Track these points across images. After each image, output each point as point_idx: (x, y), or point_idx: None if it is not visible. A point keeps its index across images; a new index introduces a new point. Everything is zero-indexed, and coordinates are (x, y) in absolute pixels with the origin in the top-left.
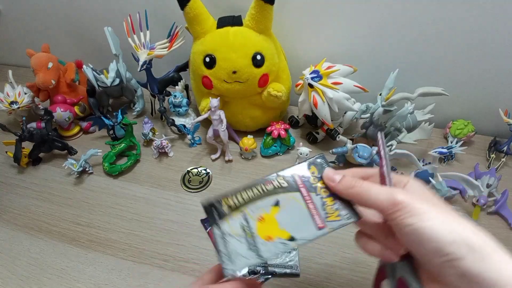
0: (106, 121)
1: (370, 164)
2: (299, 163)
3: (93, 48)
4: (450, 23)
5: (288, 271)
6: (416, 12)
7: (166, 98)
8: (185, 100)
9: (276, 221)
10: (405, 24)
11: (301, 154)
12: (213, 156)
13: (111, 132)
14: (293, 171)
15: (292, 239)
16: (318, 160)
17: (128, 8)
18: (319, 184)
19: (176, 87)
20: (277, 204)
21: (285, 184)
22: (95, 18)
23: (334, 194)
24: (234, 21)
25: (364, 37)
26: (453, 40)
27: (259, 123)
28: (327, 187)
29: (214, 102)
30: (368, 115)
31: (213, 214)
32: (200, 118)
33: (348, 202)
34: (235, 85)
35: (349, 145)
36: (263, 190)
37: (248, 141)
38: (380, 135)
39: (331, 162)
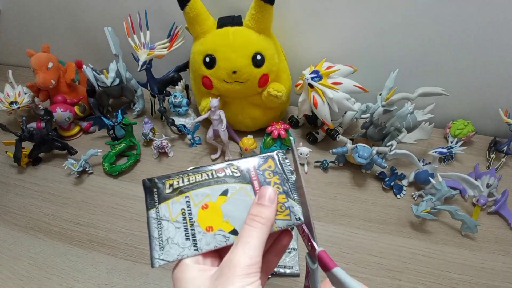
0: (106, 121)
1: (369, 164)
2: (261, 156)
3: (93, 48)
4: (450, 23)
5: (288, 271)
6: (416, 12)
7: (166, 98)
8: (185, 100)
9: (221, 211)
10: (405, 24)
11: (301, 154)
12: (213, 156)
13: (111, 132)
14: (248, 162)
15: (234, 232)
16: (277, 155)
17: (128, 8)
18: (274, 180)
19: (176, 87)
20: (225, 193)
21: (238, 174)
22: (95, 18)
23: (287, 192)
24: (234, 21)
25: (364, 37)
26: (453, 40)
27: (259, 123)
28: (281, 184)
29: (214, 102)
30: (368, 115)
31: (153, 195)
32: (200, 118)
33: (303, 204)
34: (235, 85)
35: (349, 145)
36: (212, 176)
37: (248, 141)
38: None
39: (331, 162)
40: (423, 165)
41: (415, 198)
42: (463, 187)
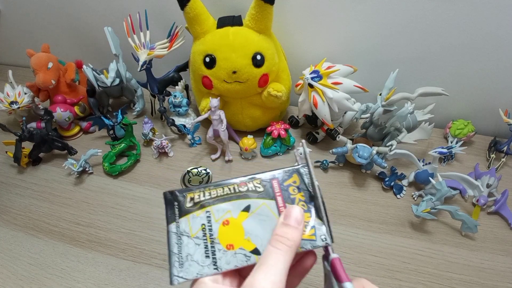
0: (106, 121)
1: (370, 164)
2: (286, 169)
3: (93, 48)
4: (450, 23)
5: None
6: (416, 12)
7: (166, 98)
8: (185, 100)
9: (242, 228)
10: (405, 24)
11: (301, 154)
12: (213, 156)
13: (111, 132)
14: (273, 175)
15: (256, 251)
16: (302, 169)
17: (128, 8)
18: (298, 196)
19: (176, 87)
20: (247, 209)
21: (261, 189)
22: (95, 18)
23: (312, 211)
24: (234, 21)
25: (364, 37)
26: (453, 40)
27: (259, 123)
28: (306, 201)
29: (214, 102)
30: (368, 115)
31: (173, 208)
32: (200, 118)
33: (327, 224)
34: (235, 85)
35: (349, 145)
36: (234, 190)
37: (248, 141)
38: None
39: (331, 162)
40: (423, 165)
41: (415, 198)
42: (463, 187)
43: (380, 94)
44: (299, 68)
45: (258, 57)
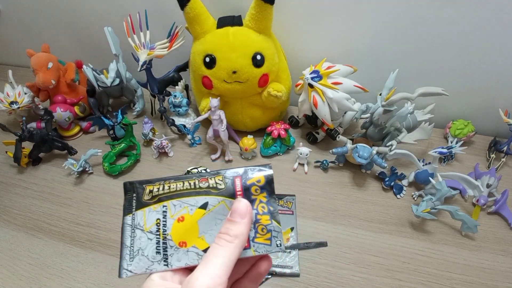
0: (106, 121)
1: (370, 164)
2: (252, 167)
3: (93, 48)
4: (450, 23)
5: (288, 271)
6: (416, 12)
7: (166, 98)
8: (185, 100)
9: (197, 226)
10: (405, 25)
11: (301, 154)
12: (213, 156)
13: (111, 132)
14: (236, 173)
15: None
16: (268, 170)
17: (128, 8)
18: (260, 197)
19: (176, 87)
20: (204, 206)
21: (222, 186)
22: (95, 18)
23: (273, 213)
24: (234, 21)
25: (364, 37)
26: (453, 40)
27: (259, 123)
28: (267, 203)
29: (214, 102)
30: (368, 115)
31: (132, 200)
32: (200, 118)
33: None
34: (235, 85)
35: (349, 145)
36: (195, 185)
37: (248, 141)
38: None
39: (331, 162)
40: (423, 165)
41: (415, 198)
42: (463, 187)
43: (380, 94)
44: (299, 68)
45: (258, 57)
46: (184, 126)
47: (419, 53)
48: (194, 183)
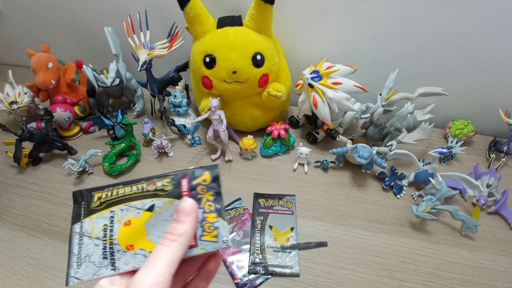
0: (106, 121)
1: (370, 164)
2: (199, 168)
3: (93, 48)
4: (450, 23)
5: (288, 271)
6: (416, 12)
7: (166, 98)
8: (185, 100)
9: (144, 228)
10: (405, 25)
11: (301, 154)
12: (213, 156)
13: (111, 132)
14: (183, 174)
15: None
16: (214, 169)
17: (128, 8)
18: (206, 196)
19: (176, 87)
20: (150, 209)
21: (169, 188)
22: (95, 18)
23: (220, 211)
24: (234, 21)
25: (364, 37)
26: (453, 40)
27: (259, 123)
28: (214, 201)
29: (214, 102)
30: (368, 115)
31: (80, 208)
32: (200, 118)
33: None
34: (235, 85)
35: (349, 145)
36: (142, 189)
37: (248, 141)
38: None
39: (331, 162)
40: (423, 165)
41: (415, 198)
42: (463, 187)
43: (380, 94)
44: (299, 68)
45: (258, 57)
46: (184, 126)
47: (419, 53)
48: (142, 187)
